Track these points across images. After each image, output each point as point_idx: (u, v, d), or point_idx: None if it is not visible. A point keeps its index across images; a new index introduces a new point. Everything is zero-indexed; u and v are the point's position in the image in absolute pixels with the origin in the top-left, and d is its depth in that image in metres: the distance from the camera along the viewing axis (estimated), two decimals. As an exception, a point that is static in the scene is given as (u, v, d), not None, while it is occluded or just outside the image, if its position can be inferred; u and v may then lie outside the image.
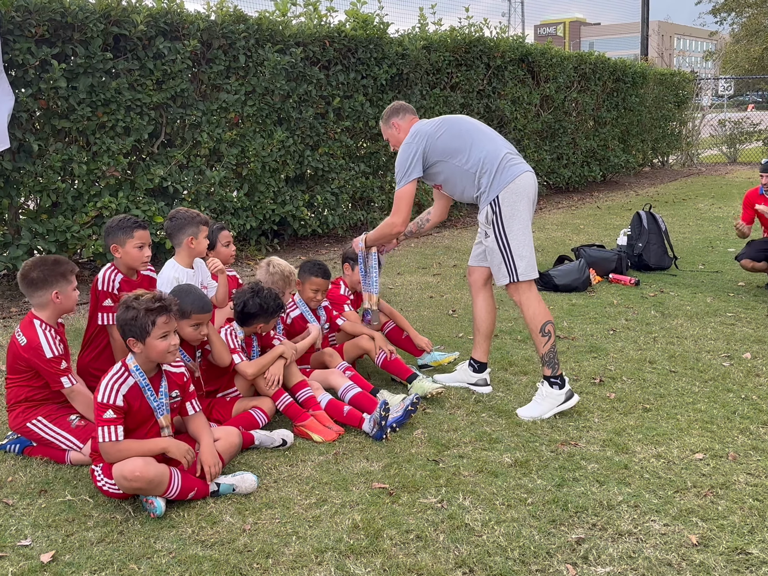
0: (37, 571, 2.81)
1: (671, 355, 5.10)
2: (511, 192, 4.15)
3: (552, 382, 4.17)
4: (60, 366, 3.64)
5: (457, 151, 4.23)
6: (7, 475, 3.54)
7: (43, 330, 3.66)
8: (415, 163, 4.25)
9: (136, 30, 6.88)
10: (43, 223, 6.59)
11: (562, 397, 4.16)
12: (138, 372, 3.30)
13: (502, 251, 4.19)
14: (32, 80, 6.42)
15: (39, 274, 3.69)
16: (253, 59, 8.05)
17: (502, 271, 4.22)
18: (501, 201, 4.15)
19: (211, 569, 2.81)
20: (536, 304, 4.21)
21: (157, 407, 3.34)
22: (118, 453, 3.19)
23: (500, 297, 6.71)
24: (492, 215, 4.17)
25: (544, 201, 13.10)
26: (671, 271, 7.65)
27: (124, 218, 4.16)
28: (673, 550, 2.91)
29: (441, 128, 4.29)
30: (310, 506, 3.25)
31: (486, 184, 4.18)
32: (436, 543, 2.97)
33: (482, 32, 11.20)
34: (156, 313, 3.26)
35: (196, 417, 3.52)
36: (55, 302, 3.71)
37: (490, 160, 4.19)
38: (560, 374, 4.20)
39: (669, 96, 17.51)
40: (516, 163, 4.24)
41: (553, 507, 3.21)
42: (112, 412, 3.20)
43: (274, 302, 4.11)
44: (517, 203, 4.16)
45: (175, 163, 7.53)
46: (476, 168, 4.20)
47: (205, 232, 4.32)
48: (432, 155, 4.27)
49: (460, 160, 4.23)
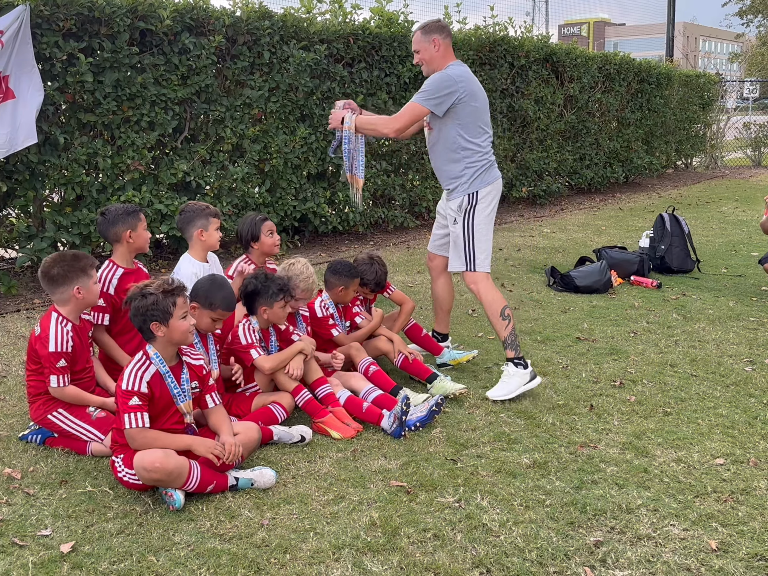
0: (56, 561, 2.84)
1: (693, 359, 5.06)
2: (489, 191, 4.47)
3: (516, 363, 4.39)
4: (57, 363, 3.64)
5: (476, 120, 4.42)
6: (29, 465, 3.58)
7: (57, 323, 3.68)
8: (443, 101, 4.32)
9: (162, 25, 6.92)
10: (67, 216, 6.64)
11: (527, 376, 4.37)
12: (158, 359, 3.34)
13: (465, 240, 4.47)
14: (59, 74, 6.47)
15: (59, 271, 3.71)
16: (278, 56, 8.07)
17: (461, 259, 4.51)
18: (480, 197, 4.43)
19: (229, 563, 2.82)
20: (493, 291, 4.49)
21: (177, 394, 3.37)
22: (144, 440, 3.22)
23: (520, 298, 6.70)
24: (467, 205, 4.43)
25: (566, 201, 13.05)
26: (694, 274, 7.60)
27: (125, 206, 4.21)
28: (692, 555, 2.89)
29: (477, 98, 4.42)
30: (328, 503, 3.26)
31: (470, 175, 4.42)
32: (453, 542, 2.97)
33: (507, 31, 11.16)
34: (175, 294, 3.35)
35: (216, 410, 3.53)
36: (77, 297, 3.73)
37: (481, 154, 4.45)
38: (522, 356, 4.44)
39: (694, 98, 17.37)
40: (495, 166, 4.58)
41: (572, 509, 3.20)
42: (137, 398, 3.24)
43: (275, 284, 4.11)
44: (491, 202, 4.50)
45: (198, 158, 7.57)
46: (468, 154, 4.41)
47: (215, 224, 4.34)
48: (460, 107, 4.35)
49: (463, 135, 4.39)
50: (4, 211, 6.85)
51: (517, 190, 11.89)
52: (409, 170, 10.03)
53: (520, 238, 9.70)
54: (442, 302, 5.06)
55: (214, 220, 4.35)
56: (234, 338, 4.09)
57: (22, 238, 6.57)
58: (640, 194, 14.46)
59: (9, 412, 4.17)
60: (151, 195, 7.04)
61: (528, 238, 9.66)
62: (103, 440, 3.64)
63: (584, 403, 4.35)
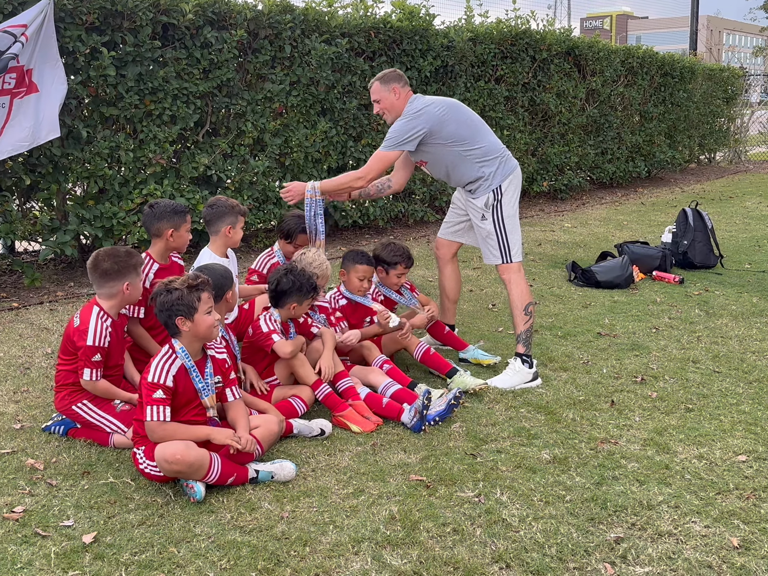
0: (79, 551, 2.86)
1: (715, 355, 5.02)
2: (510, 182, 4.55)
3: (524, 360, 4.50)
4: (92, 357, 3.66)
5: (464, 138, 4.48)
6: (52, 456, 3.61)
7: (98, 317, 3.70)
8: (413, 139, 4.44)
9: (185, 19, 6.94)
10: (89, 209, 6.68)
11: (530, 375, 4.49)
12: (184, 353, 3.36)
13: (498, 235, 4.55)
14: (82, 67, 6.51)
15: (113, 266, 3.74)
16: (299, 50, 8.07)
17: (495, 253, 4.59)
18: (504, 190, 4.52)
19: (249, 555, 2.84)
20: (524, 284, 4.60)
21: (201, 388, 3.39)
22: (164, 432, 3.25)
23: (540, 293, 6.67)
24: (494, 201, 4.51)
25: (587, 196, 12.97)
26: (716, 270, 7.53)
27: (174, 204, 4.22)
28: (713, 553, 2.87)
29: (447, 114, 4.47)
30: (348, 496, 3.27)
31: (489, 172, 4.50)
32: (472, 537, 2.97)
33: (528, 25, 11.09)
34: (199, 290, 3.36)
35: (235, 404, 3.55)
36: (124, 293, 3.76)
37: (493, 151, 4.55)
38: (531, 354, 4.54)
39: (717, 92, 17.18)
40: (511, 156, 4.66)
41: (592, 505, 3.19)
42: (162, 392, 3.27)
43: (307, 282, 4.13)
44: (514, 193, 4.58)
45: (219, 152, 7.59)
46: (480, 157, 4.50)
47: (242, 223, 4.36)
48: (433, 138, 4.47)
49: (464, 147, 4.49)
50: (27, 204, 6.92)
51: (538, 184, 11.83)
52: (429, 164, 10.01)
53: (540, 232, 9.66)
54: (449, 292, 5.10)
55: (242, 218, 4.37)
56: (255, 330, 4.11)
57: (45, 230, 6.62)
58: (663, 189, 14.34)
59: (32, 403, 4.21)
60: (172, 189, 7.07)
61: (549, 233, 9.62)
62: (126, 432, 3.66)
63: (605, 398, 4.32)
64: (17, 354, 4.97)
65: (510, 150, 11.48)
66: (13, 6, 6.03)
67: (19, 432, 3.86)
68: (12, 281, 6.78)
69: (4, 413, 4.07)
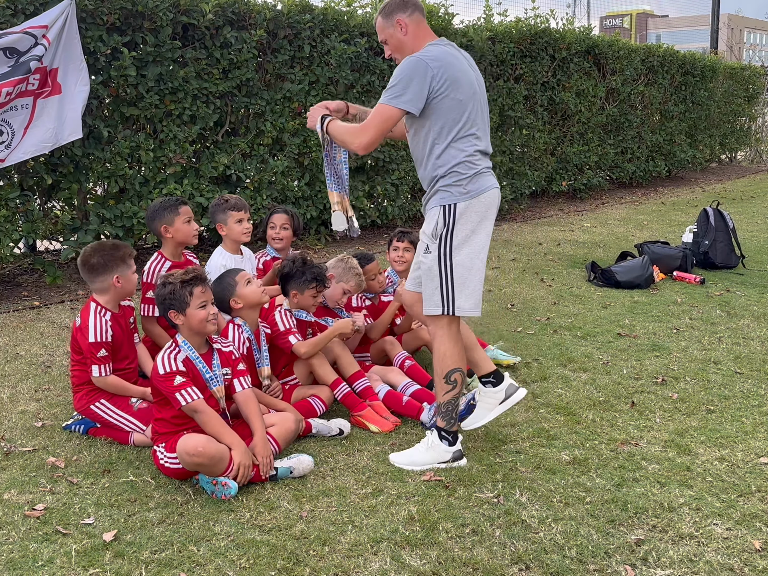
0: (99, 549, 2.88)
1: (737, 356, 4.98)
2: (473, 210, 3.38)
3: (443, 435, 3.55)
4: (97, 353, 3.69)
5: (446, 126, 3.36)
6: (72, 454, 3.63)
7: (96, 313, 3.74)
8: (416, 95, 3.30)
9: (205, 19, 6.96)
10: (110, 209, 6.72)
11: (448, 455, 3.52)
12: (186, 346, 3.40)
13: (441, 274, 3.39)
14: (103, 68, 6.55)
15: (99, 260, 3.78)
16: (318, 49, 8.08)
17: (434, 299, 3.43)
18: (458, 214, 3.36)
19: (268, 554, 2.84)
20: (451, 345, 3.48)
21: (210, 379, 3.41)
22: (204, 414, 3.30)
23: (560, 293, 6.64)
24: (443, 227, 3.37)
25: (607, 196, 12.90)
26: (738, 270, 7.47)
27: (166, 199, 4.30)
28: (735, 555, 2.84)
29: (459, 88, 3.35)
30: (366, 496, 3.27)
31: (449, 183, 3.38)
32: (492, 538, 2.96)
33: (548, 23, 11.04)
34: (192, 284, 3.41)
35: (245, 395, 3.53)
36: (116, 286, 3.79)
37: (468, 161, 3.38)
38: (455, 431, 3.56)
39: (739, 90, 17.04)
40: (487, 173, 3.45)
41: (612, 507, 3.17)
42: (180, 377, 3.30)
43: (310, 271, 4.14)
44: (477, 224, 3.40)
45: (238, 151, 7.61)
46: (446, 160, 3.38)
47: (235, 217, 4.43)
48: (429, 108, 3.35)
49: (438, 137, 3.38)
50: (49, 204, 6.97)
51: (557, 184, 11.78)
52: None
53: (560, 232, 9.62)
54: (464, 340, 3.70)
55: (231, 213, 4.41)
56: (272, 327, 4.12)
57: (66, 230, 6.67)
58: (683, 188, 14.24)
59: (53, 401, 4.24)
60: (192, 188, 7.10)
61: (568, 233, 9.57)
62: (145, 431, 3.68)
63: (625, 399, 4.30)
64: (38, 352, 5.01)
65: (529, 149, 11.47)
66: (35, 6, 6.08)
67: (40, 430, 3.88)
68: (33, 280, 6.83)
69: (26, 411, 4.10)
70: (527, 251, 8.42)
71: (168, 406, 3.36)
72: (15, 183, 6.35)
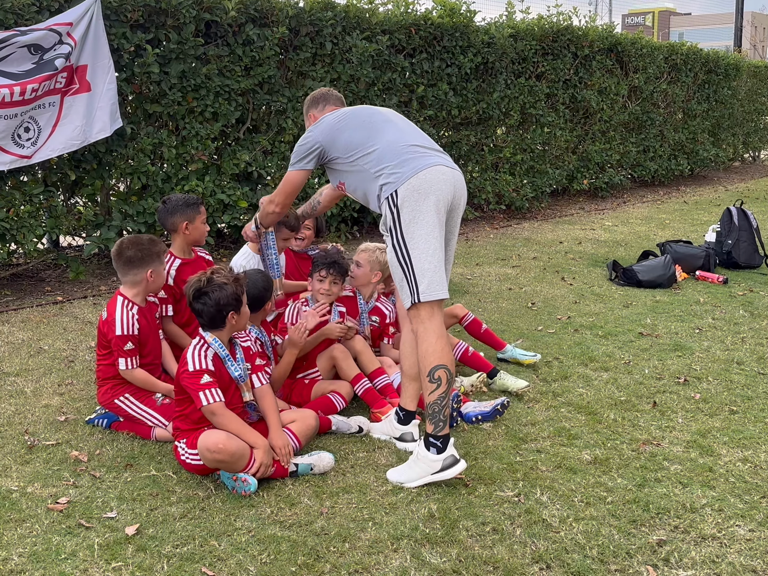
0: (121, 543, 2.90)
1: (760, 357, 4.93)
2: (413, 189, 3.33)
3: (430, 443, 3.32)
4: (124, 346, 3.71)
5: (357, 146, 3.51)
6: (95, 448, 3.66)
7: (123, 307, 3.76)
8: (310, 155, 3.63)
9: (227, 17, 6.99)
10: (132, 205, 6.77)
11: (438, 464, 3.29)
12: (216, 343, 3.40)
13: (402, 264, 3.35)
14: (126, 65, 6.59)
15: (136, 253, 3.79)
16: (339, 47, 8.08)
17: (404, 291, 3.38)
18: (400, 199, 3.34)
19: (289, 550, 2.85)
20: (433, 340, 3.33)
21: (239, 377, 3.43)
22: (223, 416, 3.29)
23: (581, 292, 6.61)
24: (391, 218, 3.37)
25: (628, 194, 12.82)
26: (761, 270, 7.40)
27: (186, 197, 4.27)
28: (758, 557, 2.82)
29: (343, 121, 3.60)
30: (387, 493, 3.27)
31: (385, 180, 3.40)
32: (512, 537, 2.95)
33: (570, 21, 10.99)
34: (240, 281, 3.46)
35: (263, 391, 3.54)
36: (148, 281, 3.81)
37: (391, 151, 3.44)
38: (444, 435, 3.33)
39: (763, 89, 16.87)
40: (424, 155, 3.45)
41: (634, 507, 3.15)
42: (208, 376, 3.31)
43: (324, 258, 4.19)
44: (421, 203, 3.33)
45: (260, 148, 7.64)
46: (375, 165, 3.44)
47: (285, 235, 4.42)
48: (332, 151, 3.59)
49: (359, 156, 3.51)
50: (72, 200, 7.03)
51: (579, 182, 11.72)
52: (468, 161, 9.98)
53: (581, 231, 9.57)
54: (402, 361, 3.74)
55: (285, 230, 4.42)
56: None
57: (89, 226, 6.72)
58: (706, 187, 14.13)
59: (76, 396, 4.28)
60: (213, 185, 7.13)
61: (589, 231, 9.52)
62: (167, 426, 3.70)
63: (647, 399, 4.27)
64: (62, 347, 5.05)
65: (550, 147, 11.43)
66: (60, 3, 6.13)
67: (63, 424, 3.92)
68: (56, 275, 6.90)
69: (49, 405, 4.14)
70: (548, 250, 8.38)
71: (189, 403, 3.38)
72: (39, 179, 6.42)
